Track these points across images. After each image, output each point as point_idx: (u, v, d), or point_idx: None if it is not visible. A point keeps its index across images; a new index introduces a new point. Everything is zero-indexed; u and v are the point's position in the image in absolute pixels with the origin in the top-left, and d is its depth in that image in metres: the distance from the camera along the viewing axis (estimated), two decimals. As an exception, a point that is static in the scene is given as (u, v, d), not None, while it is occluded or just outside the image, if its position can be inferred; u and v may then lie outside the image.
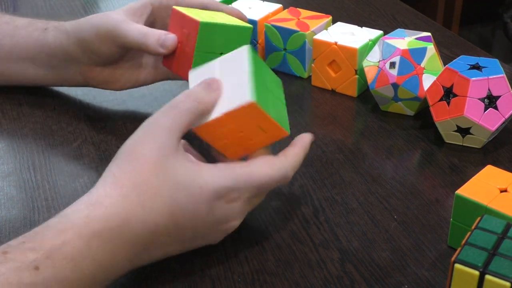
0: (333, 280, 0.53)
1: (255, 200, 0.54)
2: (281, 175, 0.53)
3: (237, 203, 0.52)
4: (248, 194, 0.52)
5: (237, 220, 0.53)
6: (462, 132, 0.69)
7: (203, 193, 0.50)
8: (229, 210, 0.52)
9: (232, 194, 0.51)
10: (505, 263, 0.42)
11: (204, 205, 0.50)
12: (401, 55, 0.73)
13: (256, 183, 0.52)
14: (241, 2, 0.90)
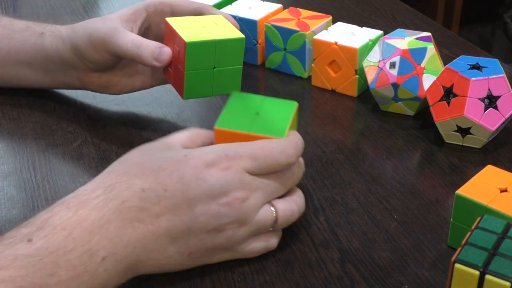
0: (333, 280, 0.53)
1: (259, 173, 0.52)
2: (278, 147, 0.52)
3: (231, 171, 0.50)
4: (244, 163, 0.51)
5: (238, 192, 0.50)
6: (462, 132, 0.69)
7: (189, 159, 0.50)
8: (222, 178, 0.50)
9: (222, 161, 0.50)
10: (505, 263, 0.42)
11: (191, 171, 0.49)
12: (401, 55, 0.73)
13: (249, 150, 0.51)
14: (241, 2, 0.90)
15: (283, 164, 0.53)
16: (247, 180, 0.51)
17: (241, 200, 0.51)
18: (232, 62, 0.61)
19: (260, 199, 0.52)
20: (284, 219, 0.53)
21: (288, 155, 0.53)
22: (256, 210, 0.52)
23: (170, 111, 0.76)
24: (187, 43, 0.59)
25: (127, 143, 0.70)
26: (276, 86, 0.84)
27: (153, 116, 0.75)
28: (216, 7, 0.88)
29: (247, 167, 0.51)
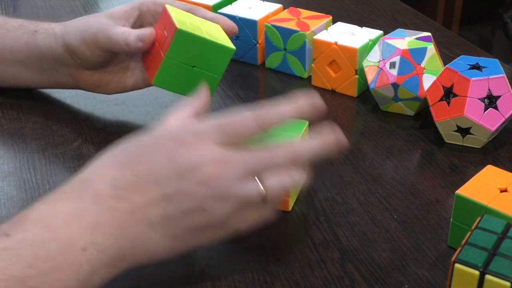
0: (333, 280, 0.53)
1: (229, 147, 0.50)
2: (248, 114, 0.52)
3: (202, 147, 0.49)
4: (213, 137, 0.50)
5: (209, 167, 0.49)
6: (462, 132, 0.68)
7: (157, 140, 0.50)
8: (193, 155, 0.49)
9: (191, 138, 0.50)
10: (505, 263, 0.42)
11: (160, 151, 0.49)
12: (401, 55, 0.73)
13: (216, 123, 0.51)
14: (241, 2, 0.90)
15: (253, 128, 0.52)
16: (219, 155, 0.50)
17: (214, 176, 0.49)
18: (213, 69, 0.61)
19: (236, 174, 0.49)
20: (273, 192, 0.50)
21: (252, 127, 0.52)
22: (233, 184, 0.49)
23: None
24: (178, 29, 0.59)
25: (127, 143, 0.70)
26: (276, 86, 0.84)
27: (153, 116, 0.75)
28: (216, 7, 0.89)
29: (216, 139, 0.50)
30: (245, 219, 0.51)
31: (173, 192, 0.49)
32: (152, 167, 0.49)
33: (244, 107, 0.53)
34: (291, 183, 0.51)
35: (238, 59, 0.89)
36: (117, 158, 0.50)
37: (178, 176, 0.49)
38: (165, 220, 0.49)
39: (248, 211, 0.51)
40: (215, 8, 0.89)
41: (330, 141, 0.53)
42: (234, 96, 0.80)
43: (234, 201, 0.50)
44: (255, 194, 0.50)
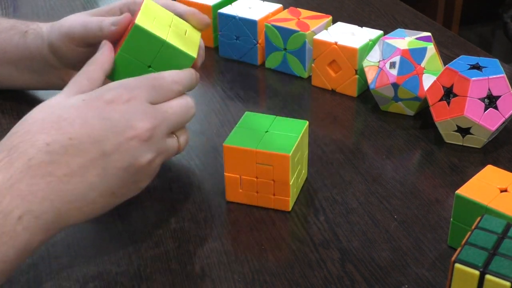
0: (333, 280, 0.53)
1: (159, 101, 0.54)
2: (170, 75, 0.55)
3: (132, 103, 0.51)
4: (144, 94, 0.52)
5: (143, 122, 0.51)
6: (462, 132, 0.69)
7: (88, 102, 0.51)
8: (126, 112, 0.51)
9: (122, 96, 0.51)
10: (505, 263, 0.42)
11: (93, 113, 0.50)
12: (401, 55, 0.73)
13: (145, 80, 0.53)
14: (241, 2, 0.90)
15: (176, 90, 0.55)
16: (150, 111, 0.52)
17: (149, 131, 0.51)
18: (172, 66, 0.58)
19: (166, 129, 0.53)
20: (184, 145, 0.57)
21: (177, 82, 0.55)
22: (164, 139, 0.54)
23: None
24: (136, 24, 0.57)
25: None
26: (276, 86, 0.84)
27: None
28: (216, 7, 0.89)
29: (147, 96, 0.52)
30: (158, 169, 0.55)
31: (111, 150, 0.50)
32: (87, 128, 0.49)
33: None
34: (189, 136, 0.58)
35: (238, 59, 0.89)
36: (45, 123, 0.50)
37: (114, 133, 0.50)
38: (104, 178, 0.50)
39: None
40: (215, 8, 0.89)
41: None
42: (234, 96, 0.80)
43: (163, 155, 0.54)
44: (176, 148, 0.56)
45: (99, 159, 0.49)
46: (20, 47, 0.72)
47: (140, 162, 0.51)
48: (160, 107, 0.53)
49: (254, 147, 0.58)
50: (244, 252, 0.56)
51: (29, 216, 0.46)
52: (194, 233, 0.58)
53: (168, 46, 0.58)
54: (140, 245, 0.57)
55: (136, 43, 0.58)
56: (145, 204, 0.62)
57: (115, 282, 0.53)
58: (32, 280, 0.53)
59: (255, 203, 0.61)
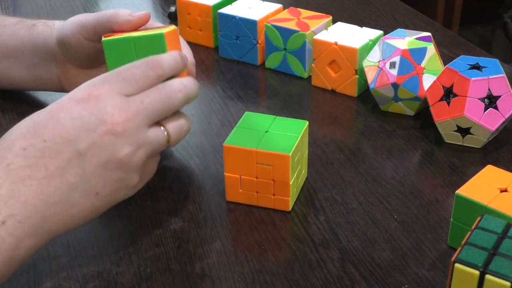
0: (333, 280, 0.53)
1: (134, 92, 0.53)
2: (143, 62, 0.54)
3: (102, 99, 0.51)
4: (114, 87, 0.52)
5: (114, 116, 0.50)
6: (462, 132, 0.69)
7: (59, 104, 0.51)
8: (95, 108, 0.50)
9: (91, 93, 0.51)
10: (505, 263, 0.42)
11: (63, 113, 0.50)
12: (401, 55, 0.73)
13: (115, 73, 0.52)
14: (241, 2, 0.90)
15: (153, 76, 0.54)
16: (122, 103, 0.51)
17: (122, 124, 0.51)
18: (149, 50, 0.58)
19: (144, 119, 0.52)
20: (176, 135, 0.55)
21: (155, 67, 0.54)
22: (142, 131, 0.52)
23: (170, 111, 0.76)
24: (103, 41, 0.58)
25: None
26: (276, 86, 0.84)
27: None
28: (216, 7, 0.89)
29: (118, 89, 0.52)
30: (151, 166, 0.55)
31: (85, 148, 0.50)
32: (59, 129, 0.50)
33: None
34: (188, 126, 0.57)
35: (238, 59, 0.89)
36: (22, 129, 0.50)
37: (86, 131, 0.50)
38: (84, 178, 0.50)
39: (153, 157, 0.54)
40: (215, 8, 0.89)
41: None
42: (234, 96, 0.80)
43: (146, 148, 0.52)
44: (163, 140, 0.54)
45: (75, 158, 0.49)
46: (24, 40, 0.72)
47: (118, 157, 0.51)
48: (134, 98, 0.52)
49: (254, 147, 0.58)
50: (244, 252, 0.56)
51: (13, 220, 0.46)
52: (194, 233, 0.58)
53: (138, 40, 0.57)
54: (140, 245, 0.57)
55: (114, 56, 0.58)
56: (145, 204, 0.62)
57: (115, 282, 0.53)
58: (32, 280, 0.53)
59: (255, 203, 0.61)
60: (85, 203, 0.50)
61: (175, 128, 0.55)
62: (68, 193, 0.49)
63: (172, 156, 0.69)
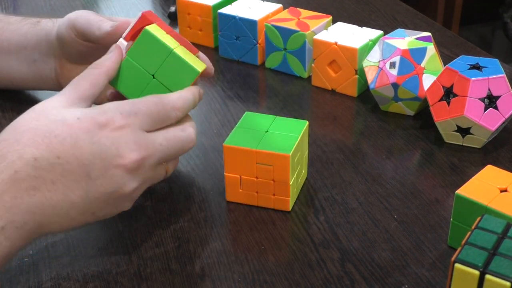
0: (333, 280, 0.53)
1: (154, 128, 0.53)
2: (169, 102, 0.54)
3: (125, 131, 0.51)
4: (139, 121, 0.52)
5: (133, 153, 0.51)
6: (462, 132, 0.69)
7: (82, 123, 0.50)
8: (117, 139, 0.50)
9: (116, 121, 0.51)
10: (505, 263, 0.42)
11: (84, 135, 0.50)
12: (401, 55, 0.73)
13: (143, 106, 0.52)
14: (241, 2, 0.90)
15: (175, 117, 0.55)
16: (143, 141, 0.52)
17: (138, 162, 0.51)
18: (173, 84, 0.57)
19: (157, 160, 0.53)
20: (171, 172, 0.57)
21: (178, 109, 0.55)
22: (153, 169, 0.53)
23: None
24: (145, 29, 0.57)
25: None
26: (276, 86, 0.84)
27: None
28: (216, 7, 0.89)
29: (142, 124, 0.52)
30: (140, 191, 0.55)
31: (96, 175, 0.50)
32: (76, 149, 0.49)
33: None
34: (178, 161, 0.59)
35: (238, 59, 0.89)
36: (36, 135, 0.49)
37: (103, 159, 0.50)
38: (86, 200, 0.50)
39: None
40: (215, 8, 0.89)
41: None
42: (234, 96, 0.81)
43: (148, 183, 0.54)
44: (163, 176, 0.56)
45: (83, 182, 0.50)
46: (27, 35, 0.73)
47: (124, 191, 0.51)
48: (154, 138, 0.53)
49: (254, 147, 0.58)
50: (244, 252, 0.56)
51: (11, 226, 0.47)
52: (194, 233, 0.58)
53: (174, 55, 0.57)
54: (140, 245, 0.57)
55: (143, 49, 0.57)
56: (145, 204, 0.62)
57: (115, 282, 0.53)
58: (32, 280, 0.53)
59: (255, 203, 0.61)
60: (80, 219, 0.51)
61: (173, 164, 0.57)
62: (67, 210, 0.50)
63: (172, 156, 0.69)
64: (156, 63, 0.57)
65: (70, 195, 0.49)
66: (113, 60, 0.56)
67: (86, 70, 0.56)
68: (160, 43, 0.57)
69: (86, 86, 0.54)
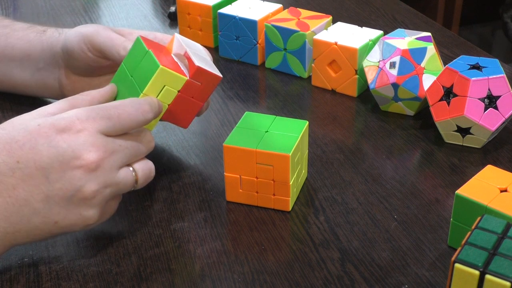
0: (333, 280, 0.53)
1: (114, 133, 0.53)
2: (132, 105, 0.54)
3: (84, 134, 0.51)
4: (97, 125, 0.51)
5: (90, 153, 0.50)
6: (462, 132, 0.69)
7: (41, 128, 0.51)
8: (74, 142, 0.50)
9: (75, 125, 0.51)
10: (505, 263, 0.42)
11: (43, 139, 0.50)
12: (401, 55, 0.73)
13: (102, 111, 0.52)
14: (241, 2, 0.90)
15: (139, 121, 0.54)
16: (101, 142, 0.52)
17: (96, 162, 0.51)
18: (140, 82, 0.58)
19: (117, 161, 0.53)
20: (144, 178, 0.55)
21: (144, 111, 0.54)
22: (114, 171, 0.52)
23: (170, 111, 0.76)
24: (138, 37, 0.59)
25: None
26: (276, 86, 0.84)
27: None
28: (216, 7, 0.89)
29: (101, 128, 0.52)
30: (113, 205, 0.55)
31: (55, 178, 0.50)
32: (35, 153, 0.50)
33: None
34: (154, 170, 0.57)
35: (238, 59, 0.89)
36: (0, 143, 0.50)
37: (60, 162, 0.50)
38: (47, 206, 0.50)
39: (116, 199, 0.55)
40: (215, 8, 0.89)
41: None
42: (234, 96, 0.81)
43: (113, 188, 0.53)
44: (131, 181, 0.54)
45: (43, 185, 0.50)
46: (33, 43, 0.73)
47: (83, 193, 0.51)
48: (112, 140, 0.52)
49: (254, 147, 0.58)
50: (244, 252, 0.56)
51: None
52: (194, 233, 0.58)
53: (149, 55, 0.58)
54: (140, 245, 0.57)
55: (132, 54, 0.59)
56: (145, 204, 0.62)
57: (115, 282, 0.53)
58: (32, 280, 0.53)
59: (255, 203, 0.61)
60: (43, 228, 0.51)
61: (144, 171, 0.55)
62: (29, 216, 0.50)
63: (172, 156, 0.69)
64: (135, 64, 0.59)
65: (31, 200, 0.50)
66: (102, 93, 0.57)
67: (74, 96, 0.56)
68: (142, 47, 0.58)
69: (64, 107, 0.54)
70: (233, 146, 0.59)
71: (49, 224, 0.51)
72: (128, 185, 0.54)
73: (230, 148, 0.59)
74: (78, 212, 0.52)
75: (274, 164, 0.58)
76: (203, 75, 0.59)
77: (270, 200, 0.60)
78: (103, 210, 0.53)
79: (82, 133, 0.51)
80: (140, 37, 0.59)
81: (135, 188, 0.55)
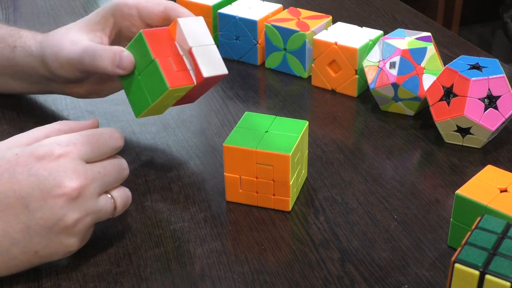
0: (333, 280, 0.53)
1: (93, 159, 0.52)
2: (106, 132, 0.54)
3: (64, 160, 0.50)
4: (78, 150, 0.51)
5: (72, 181, 0.49)
6: (462, 132, 0.69)
7: (19, 157, 0.50)
8: (55, 169, 0.49)
9: (54, 152, 0.50)
10: (505, 263, 0.42)
11: (22, 168, 0.49)
12: (401, 55, 0.73)
13: (81, 137, 0.52)
14: (241, 2, 0.90)
15: (113, 147, 0.54)
16: (82, 169, 0.51)
17: (77, 190, 0.50)
18: (149, 90, 0.59)
19: (97, 189, 0.52)
20: (122, 205, 0.55)
21: (116, 138, 0.54)
22: (94, 199, 0.52)
23: (170, 111, 0.76)
24: (140, 32, 0.60)
25: (128, 142, 0.70)
26: (276, 86, 0.84)
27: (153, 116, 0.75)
28: (216, 7, 0.89)
29: (81, 153, 0.51)
30: (90, 233, 0.54)
31: (36, 207, 0.49)
32: (14, 183, 0.49)
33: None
34: (131, 197, 0.56)
35: (238, 59, 0.89)
36: None
37: (41, 190, 0.49)
38: (27, 235, 0.49)
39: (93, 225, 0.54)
40: (215, 8, 0.89)
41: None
42: (234, 96, 0.81)
43: (93, 216, 0.52)
44: (110, 208, 0.54)
45: (23, 215, 0.49)
46: (11, 61, 0.70)
47: (65, 223, 0.50)
48: (92, 167, 0.52)
49: (254, 147, 0.58)
50: (244, 252, 0.56)
51: None
52: (194, 233, 0.58)
53: (154, 65, 0.58)
54: (140, 245, 0.57)
55: (136, 47, 0.60)
56: (145, 204, 0.62)
57: (115, 282, 0.53)
58: (32, 280, 0.53)
59: (255, 203, 0.61)
60: (22, 258, 0.50)
61: (122, 198, 0.55)
62: (8, 246, 0.49)
63: (172, 156, 0.69)
64: (143, 65, 0.59)
65: (10, 231, 0.49)
66: (81, 126, 0.56)
67: (51, 124, 0.55)
68: (146, 49, 0.59)
69: (39, 137, 0.53)
70: (233, 146, 0.59)
71: (28, 254, 0.50)
72: (107, 212, 0.53)
73: (230, 148, 0.59)
74: (59, 241, 0.51)
75: (274, 164, 0.58)
76: (209, 78, 0.60)
77: (270, 200, 0.60)
78: (83, 236, 0.53)
79: (63, 158, 0.50)
80: (142, 33, 0.59)
81: (113, 215, 0.55)
